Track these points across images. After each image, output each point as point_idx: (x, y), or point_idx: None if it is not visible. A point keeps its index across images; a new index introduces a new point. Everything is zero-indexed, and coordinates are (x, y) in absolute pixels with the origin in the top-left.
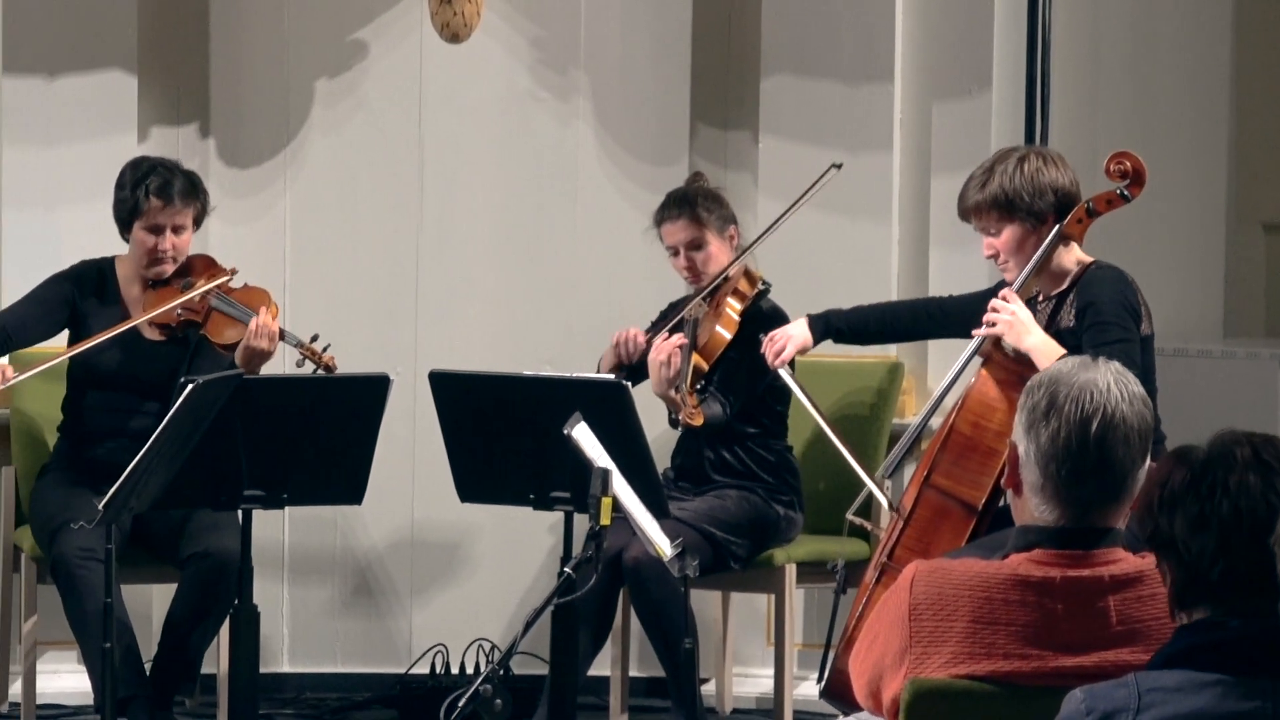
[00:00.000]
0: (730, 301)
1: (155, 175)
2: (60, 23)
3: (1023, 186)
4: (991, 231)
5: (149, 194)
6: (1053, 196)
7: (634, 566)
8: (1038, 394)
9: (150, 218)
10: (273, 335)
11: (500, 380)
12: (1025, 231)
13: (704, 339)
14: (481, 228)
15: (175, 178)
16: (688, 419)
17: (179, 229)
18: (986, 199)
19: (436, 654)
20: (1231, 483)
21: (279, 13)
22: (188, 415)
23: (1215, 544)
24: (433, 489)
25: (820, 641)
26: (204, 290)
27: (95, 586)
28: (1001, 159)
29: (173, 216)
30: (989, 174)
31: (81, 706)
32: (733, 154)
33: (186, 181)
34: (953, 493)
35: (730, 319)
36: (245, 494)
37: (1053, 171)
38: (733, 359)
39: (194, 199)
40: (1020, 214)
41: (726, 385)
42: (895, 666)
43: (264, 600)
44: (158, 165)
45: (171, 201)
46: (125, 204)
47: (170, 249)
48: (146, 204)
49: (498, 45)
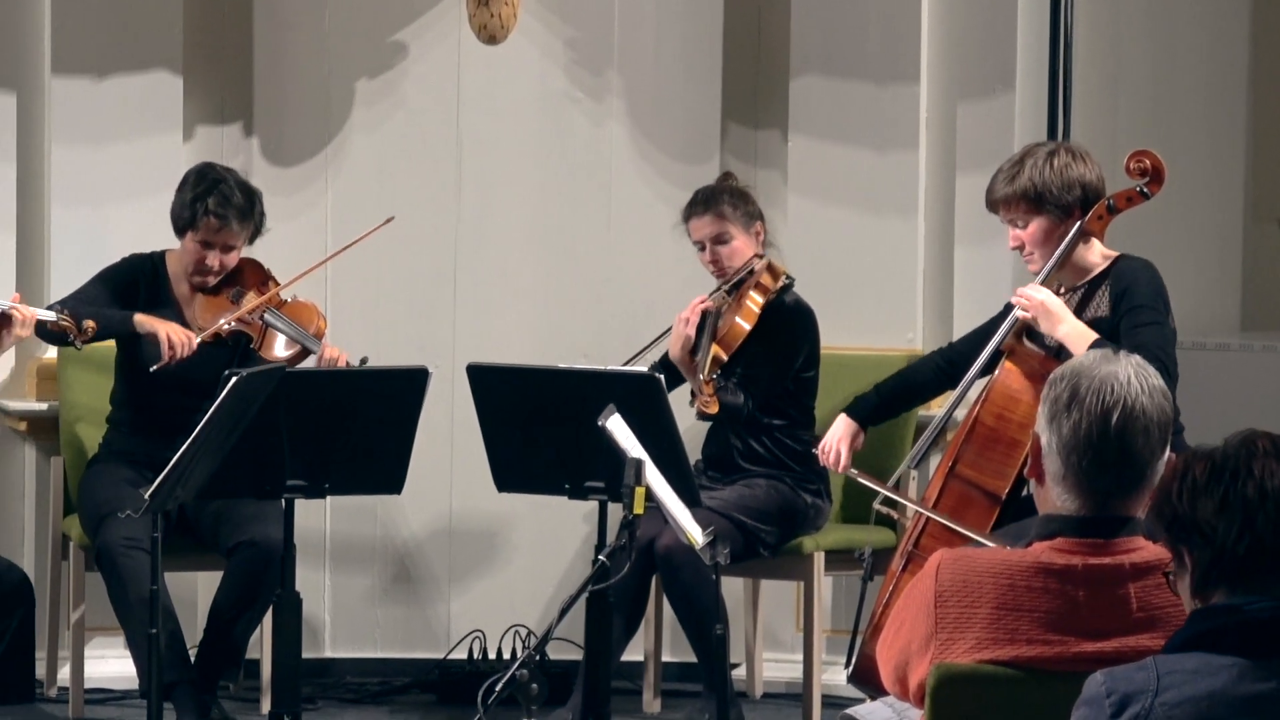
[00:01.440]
0: (752, 294)
1: (217, 193)
2: (107, 25)
3: (1052, 180)
4: (1019, 224)
5: (207, 211)
6: (1080, 191)
7: (666, 554)
8: (1060, 386)
9: (203, 233)
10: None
11: (536, 373)
12: (1052, 224)
13: (724, 329)
14: (518, 224)
15: (234, 199)
16: (703, 406)
17: (229, 248)
18: (1016, 191)
19: (474, 640)
20: (1255, 467)
21: (321, 15)
22: (232, 407)
23: (1240, 522)
24: (471, 479)
25: (848, 628)
26: (256, 306)
27: (139, 574)
28: (1031, 153)
29: (225, 237)
30: (1018, 167)
31: (128, 691)
32: (762, 152)
33: (246, 203)
34: (977, 483)
35: (750, 310)
36: (288, 484)
37: (1080, 167)
38: (756, 353)
39: (249, 221)
40: (1048, 207)
41: (749, 378)
42: (921, 652)
43: (306, 587)
44: (222, 181)
45: (227, 223)
46: (184, 212)
47: (217, 265)
48: (203, 220)
49: (534, 47)
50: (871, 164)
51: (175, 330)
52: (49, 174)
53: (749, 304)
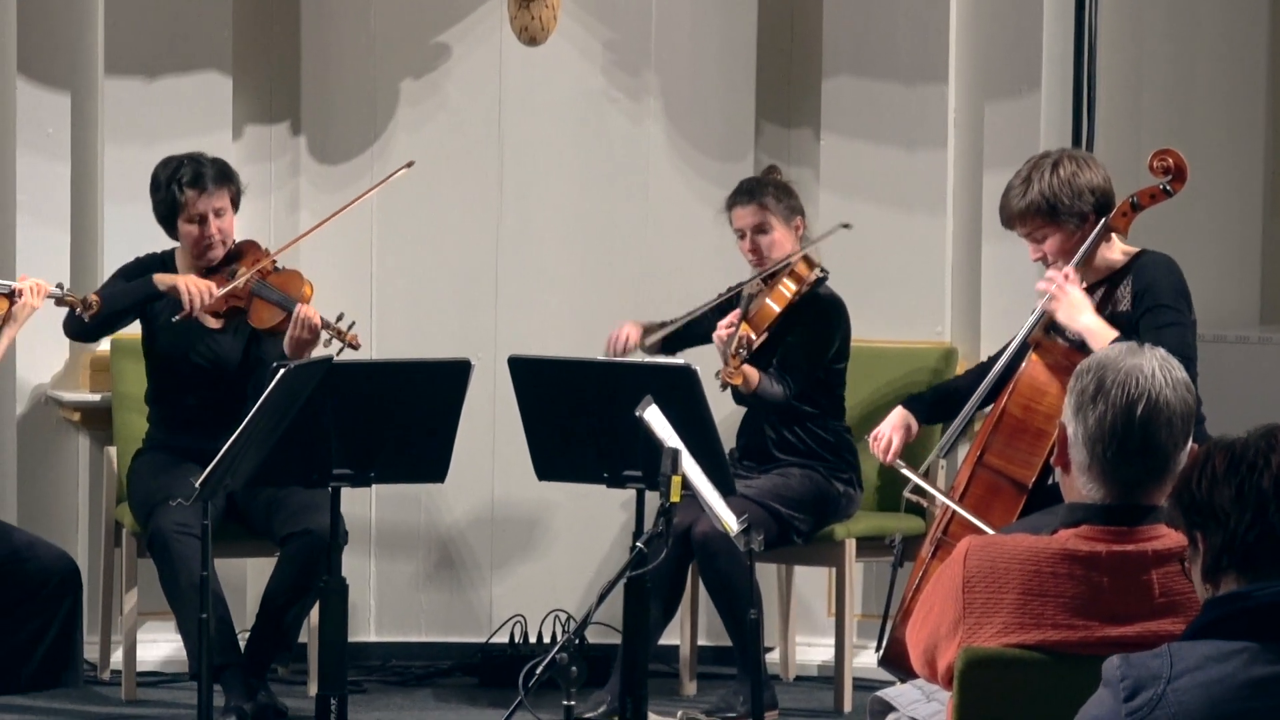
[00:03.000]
0: (786, 282)
1: (185, 168)
2: (159, 27)
3: (1061, 190)
4: (1037, 237)
5: (183, 186)
6: (1091, 196)
7: (702, 541)
8: (1086, 378)
9: (190, 208)
10: (314, 326)
11: (576, 365)
12: (1070, 232)
13: (754, 310)
14: (557, 221)
15: (206, 166)
16: (726, 376)
17: (219, 212)
18: (1029, 206)
19: (515, 624)
20: (1274, 461)
21: (367, 17)
22: (280, 398)
23: (1254, 512)
24: (512, 468)
25: (878, 612)
26: (246, 278)
27: (190, 560)
28: (1037, 166)
29: (210, 201)
30: (1027, 183)
31: (178, 674)
32: (795, 150)
33: (216, 168)
34: (1004, 471)
35: (781, 295)
36: (335, 472)
37: (1087, 173)
38: (791, 342)
39: (227, 182)
40: (1063, 217)
41: (786, 367)
42: (950, 636)
43: (352, 573)
44: (185, 159)
45: (205, 188)
46: (164, 203)
47: (216, 233)
48: (183, 196)
49: (573, 48)
50: (901, 162)
51: (193, 280)
52: (102, 172)
53: (781, 289)
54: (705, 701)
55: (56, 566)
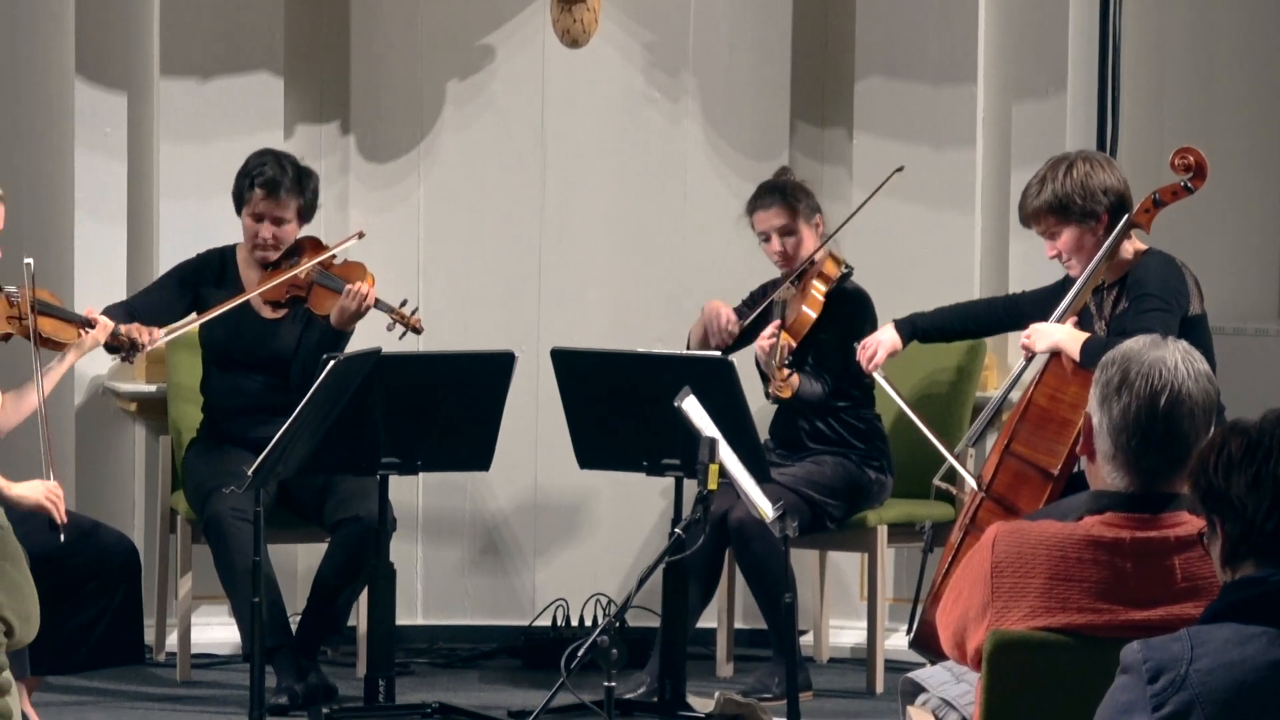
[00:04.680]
0: (816, 284)
1: (266, 168)
2: (212, 29)
3: (1074, 190)
4: (1051, 234)
5: (253, 185)
6: (1105, 197)
7: (739, 527)
8: (1111, 370)
9: (253, 206)
10: (363, 297)
11: (616, 357)
12: (1082, 231)
13: (791, 318)
14: (598, 217)
15: (284, 175)
16: (777, 391)
17: (280, 221)
18: (1043, 206)
19: (558, 607)
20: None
21: (414, 19)
22: (330, 388)
23: (1270, 500)
24: (554, 456)
25: (909, 596)
26: (307, 267)
27: (244, 545)
28: (1053, 168)
29: (274, 208)
30: (1042, 183)
31: (231, 656)
32: (829, 149)
33: (294, 177)
34: (1031, 460)
35: (815, 299)
36: (383, 461)
37: (1100, 174)
38: (825, 340)
39: (298, 194)
40: (1075, 216)
41: (822, 364)
42: (979, 619)
43: (400, 559)
44: (271, 159)
45: (275, 195)
46: (238, 191)
47: (270, 238)
48: (250, 194)
49: (614, 50)
50: (931, 161)
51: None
52: (158, 170)
53: (814, 293)
54: (742, 682)
55: (117, 550)
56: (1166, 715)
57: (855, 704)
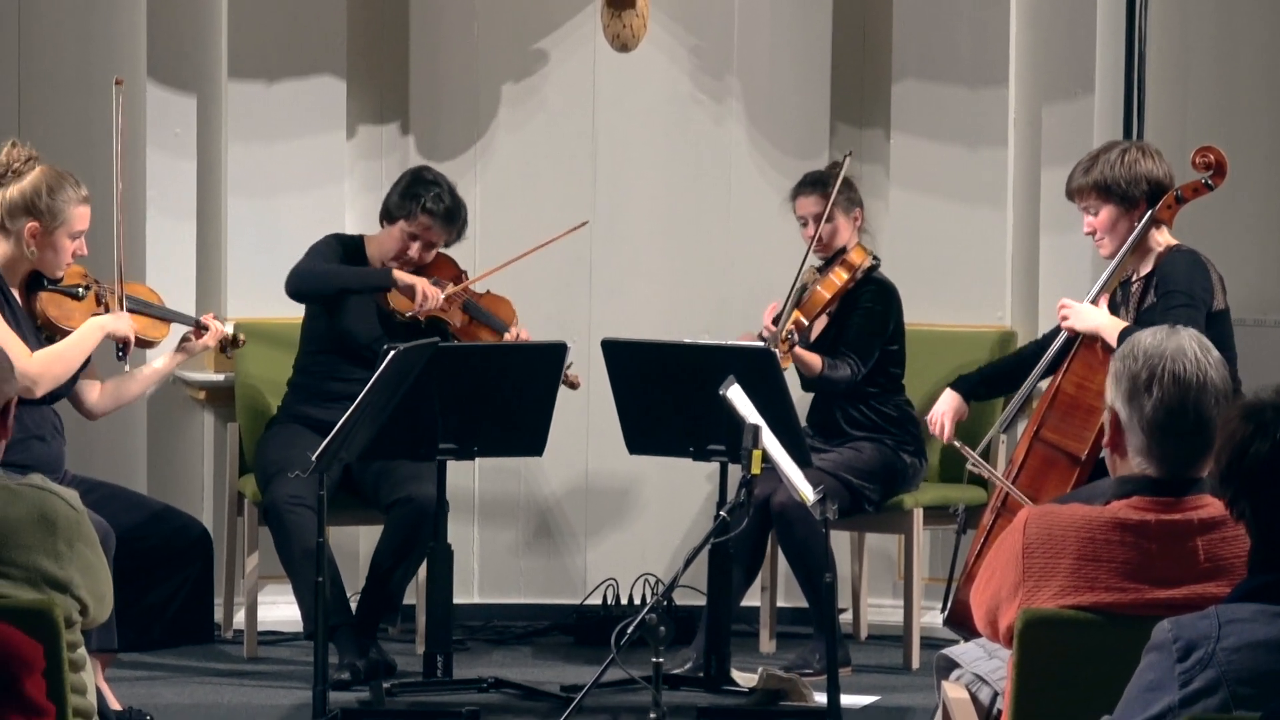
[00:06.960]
0: (838, 270)
1: (444, 199)
2: (278, 33)
3: (1121, 174)
4: (1091, 211)
5: (425, 208)
6: (1145, 185)
7: (781, 510)
8: (1136, 365)
9: (416, 227)
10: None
11: (664, 347)
12: (1119, 213)
13: (806, 297)
14: (647, 215)
15: (458, 210)
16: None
17: (430, 246)
18: (1089, 182)
19: (608, 587)
20: None
21: (471, 25)
22: (390, 378)
23: None
24: (605, 442)
25: (944, 576)
26: (456, 292)
27: (302, 529)
28: (1107, 149)
29: (431, 235)
30: (1094, 161)
31: (295, 634)
32: (867, 149)
33: (456, 211)
34: (1060, 445)
35: (832, 282)
36: (441, 447)
37: (1149, 163)
38: (852, 325)
39: (454, 227)
40: (1115, 198)
41: (851, 348)
42: (1010, 598)
43: (457, 540)
44: (447, 189)
45: (437, 223)
46: (404, 203)
47: (416, 257)
48: (418, 216)
49: (661, 54)
50: (965, 159)
51: (427, 284)
52: (226, 169)
53: (833, 277)
54: (784, 659)
55: (189, 531)
56: (1193, 692)
57: (892, 679)
